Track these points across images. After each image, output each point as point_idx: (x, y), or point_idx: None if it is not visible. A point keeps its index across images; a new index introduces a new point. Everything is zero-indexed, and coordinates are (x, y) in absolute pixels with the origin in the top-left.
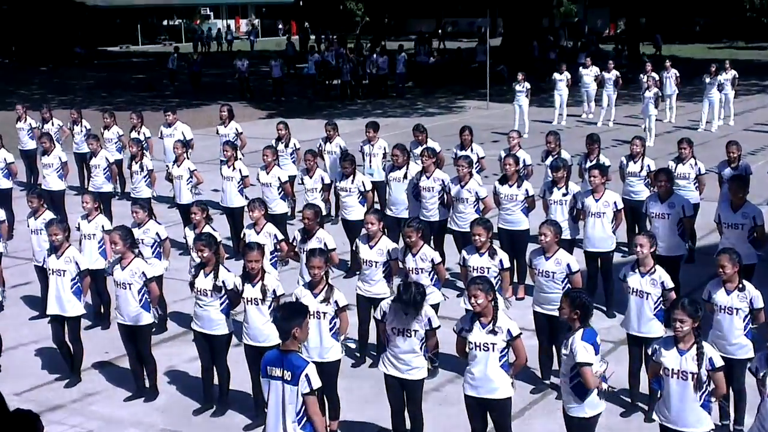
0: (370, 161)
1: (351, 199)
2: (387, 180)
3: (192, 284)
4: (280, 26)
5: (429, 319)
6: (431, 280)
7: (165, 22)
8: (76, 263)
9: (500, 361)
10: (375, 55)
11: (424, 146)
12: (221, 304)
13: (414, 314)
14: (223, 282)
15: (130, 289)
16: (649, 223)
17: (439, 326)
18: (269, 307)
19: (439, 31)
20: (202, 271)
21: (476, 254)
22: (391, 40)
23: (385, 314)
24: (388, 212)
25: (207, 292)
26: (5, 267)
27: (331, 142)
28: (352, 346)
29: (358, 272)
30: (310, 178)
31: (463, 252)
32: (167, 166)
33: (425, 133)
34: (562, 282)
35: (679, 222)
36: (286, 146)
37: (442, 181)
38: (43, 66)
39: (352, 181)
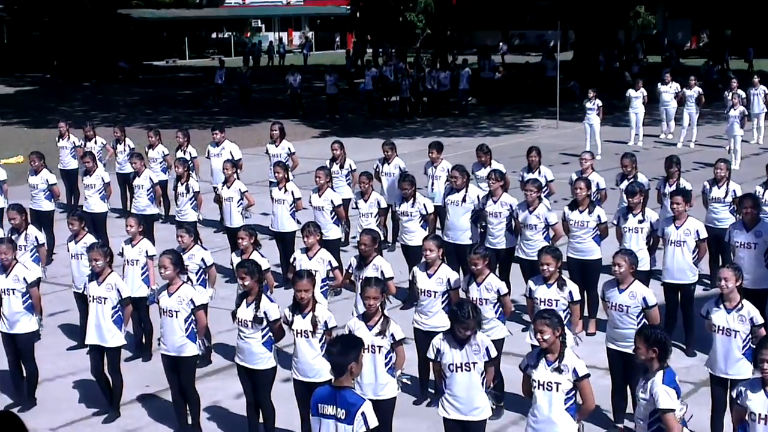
0: (433, 184)
1: (412, 223)
2: (444, 203)
3: (234, 314)
4: (338, 39)
5: (487, 349)
6: (496, 312)
7: (214, 35)
8: (118, 290)
9: (566, 403)
10: (436, 70)
11: (492, 168)
12: (263, 337)
13: (474, 327)
14: (264, 313)
15: (176, 317)
16: (732, 254)
17: (498, 356)
18: (320, 340)
19: (500, 43)
20: (244, 300)
21: (544, 285)
22: (454, 54)
23: (439, 351)
24: (446, 238)
25: (248, 323)
26: (43, 293)
27: (389, 163)
28: (409, 382)
29: (416, 303)
30: (365, 201)
31: (530, 282)
32: (214, 187)
33: (489, 154)
34: (638, 317)
35: (767, 252)
36: (341, 167)
37: (510, 205)
38: (86, 81)
39: (413, 204)
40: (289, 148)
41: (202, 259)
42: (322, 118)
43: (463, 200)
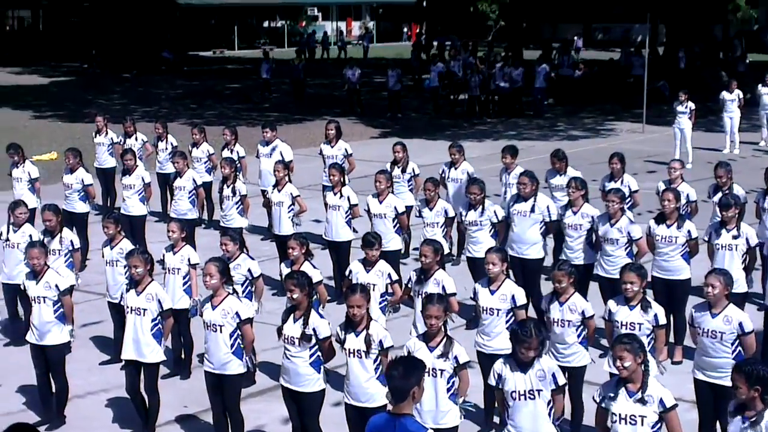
0: (506, 191)
1: (481, 233)
2: (509, 213)
3: (280, 330)
4: (406, 30)
5: (554, 375)
6: (578, 336)
7: (266, 24)
8: (159, 301)
9: None
10: (509, 66)
11: (571, 176)
12: (311, 356)
13: (538, 348)
14: (314, 330)
15: (220, 331)
16: None
17: (580, 385)
18: (375, 361)
19: (575, 38)
20: (291, 315)
21: (626, 307)
22: (530, 49)
23: (500, 377)
24: (510, 251)
25: (294, 340)
26: (75, 303)
27: (456, 168)
28: (473, 410)
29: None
30: (431, 210)
31: (610, 303)
32: (263, 191)
33: (565, 161)
34: (732, 345)
35: None
36: (403, 171)
37: (592, 217)
38: (126, 72)
39: (482, 212)
40: (345, 149)
41: (249, 270)
42: (382, 117)
43: (532, 210)
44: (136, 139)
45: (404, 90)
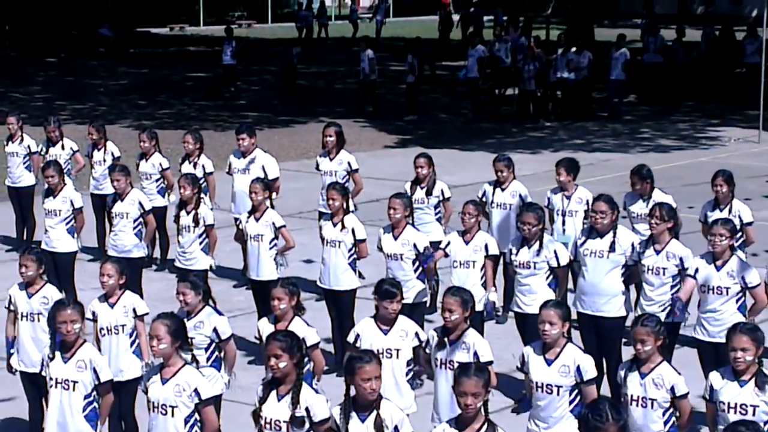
0: (563, 221)
1: (536, 280)
2: (577, 252)
3: (257, 413)
4: None
5: None
6: (666, 422)
7: None
8: (94, 371)
9: None
10: (573, 51)
11: (655, 201)
12: None
13: None
14: (307, 410)
15: (172, 414)
16: None
17: None
18: None
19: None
20: (274, 391)
21: (735, 383)
22: (604, 26)
23: None
24: (579, 307)
25: (280, 425)
26: None
27: (503, 189)
28: None
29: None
30: (466, 244)
31: (713, 377)
32: (236, 219)
33: (650, 181)
34: None
35: None
36: (428, 194)
37: (681, 259)
38: (51, 56)
39: (538, 250)
40: (349, 163)
41: (215, 329)
42: (399, 119)
43: (611, 249)
44: (63, 147)
45: (428, 83)
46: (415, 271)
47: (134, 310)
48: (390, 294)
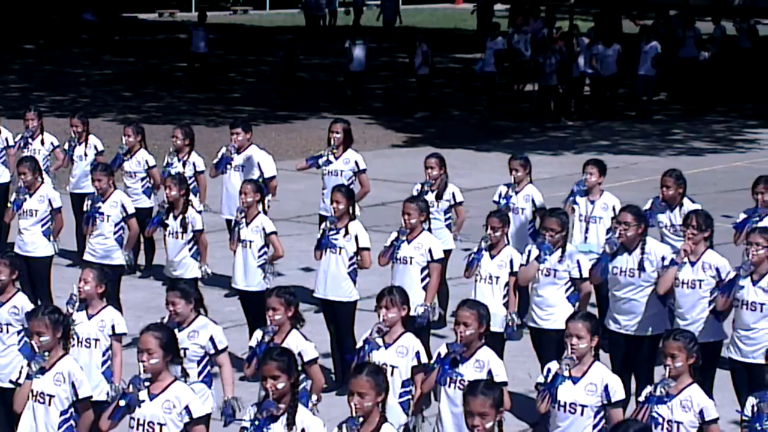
0: (586, 229)
1: (554, 292)
2: (604, 268)
3: None
4: None
5: None
6: None
7: None
8: (73, 385)
9: None
10: (599, 44)
11: (689, 209)
12: None
13: None
14: None
15: None
16: None
17: None
18: None
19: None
20: (277, 422)
21: None
22: (634, 17)
23: None
24: (611, 324)
25: None
26: None
27: (517, 193)
28: None
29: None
30: (492, 258)
31: (751, 403)
32: (229, 222)
33: (682, 186)
34: None
35: None
36: (439, 198)
37: (717, 270)
38: (29, 43)
39: (560, 259)
40: (356, 163)
41: (211, 338)
42: (408, 116)
43: (641, 267)
44: (43, 142)
45: (441, 75)
46: (422, 280)
47: (113, 327)
48: (381, 297)
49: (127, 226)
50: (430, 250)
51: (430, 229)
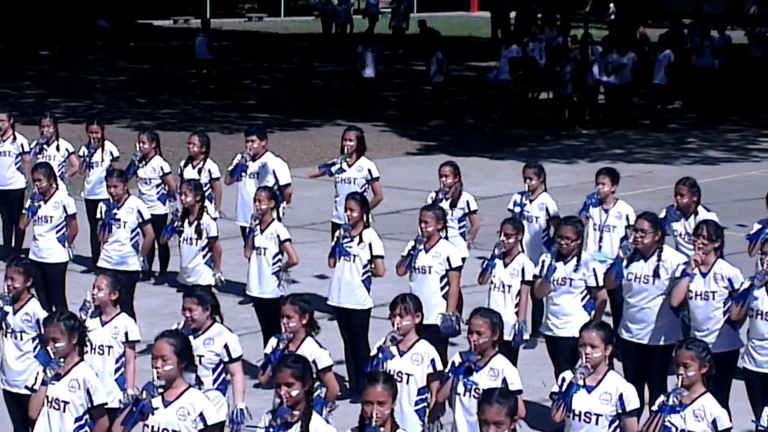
0: (600, 237)
1: (570, 300)
2: (617, 273)
3: None
4: None
5: None
6: None
7: None
8: (88, 392)
9: None
10: (614, 52)
11: (702, 219)
12: None
13: None
14: None
15: None
16: None
17: None
18: None
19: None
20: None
21: None
22: (648, 26)
23: None
24: (624, 333)
25: None
26: None
27: (531, 201)
28: None
29: None
30: (506, 266)
31: None
32: (244, 229)
33: (696, 195)
34: None
35: None
36: (453, 206)
37: (730, 281)
38: (44, 49)
39: (576, 267)
40: (369, 171)
41: (226, 346)
42: (423, 123)
43: (656, 275)
44: (58, 148)
45: (457, 83)
46: (442, 288)
47: (126, 334)
48: (394, 305)
49: (143, 232)
50: (448, 259)
51: (446, 237)
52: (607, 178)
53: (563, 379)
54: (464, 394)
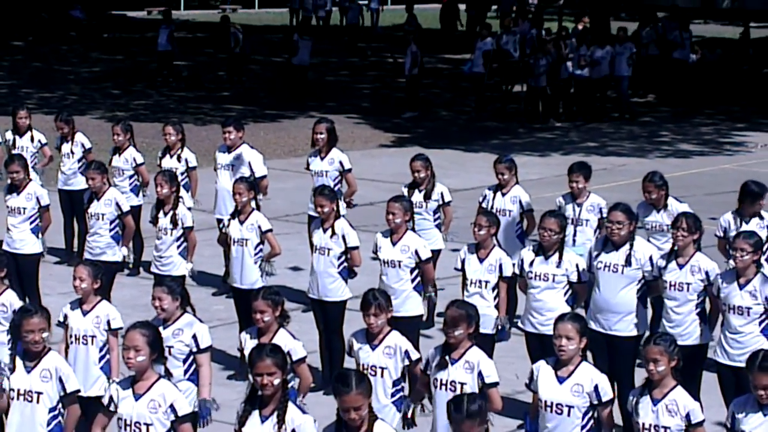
0: (574, 231)
1: (553, 295)
2: (590, 265)
3: None
4: None
5: None
6: None
7: None
8: (60, 381)
9: None
10: (588, 46)
11: (679, 211)
12: None
13: None
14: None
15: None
16: None
17: None
18: None
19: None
20: (257, 411)
21: (759, 413)
22: (622, 19)
23: None
24: (592, 324)
25: None
26: None
27: (503, 194)
28: None
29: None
30: (481, 261)
31: (735, 406)
32: (219, 221)
33: (664, 189)
34: None
35: None
36: (427, 198)
37: (707, 274)
38: (17, 40)
39: (559, 262)
40: (341, 163)
41: (194, 336)
42: (397, 116)
43: (627, 263)
44: (32, 139)
45: (430, 75)
46: (413, 281)
47: (108, 322)
48: (366, 304)
49: (123, 223)
50: (417, 252)
51: (413, 229)
52: (581, 176)
53: (532, 370)
54: (440, 388)
